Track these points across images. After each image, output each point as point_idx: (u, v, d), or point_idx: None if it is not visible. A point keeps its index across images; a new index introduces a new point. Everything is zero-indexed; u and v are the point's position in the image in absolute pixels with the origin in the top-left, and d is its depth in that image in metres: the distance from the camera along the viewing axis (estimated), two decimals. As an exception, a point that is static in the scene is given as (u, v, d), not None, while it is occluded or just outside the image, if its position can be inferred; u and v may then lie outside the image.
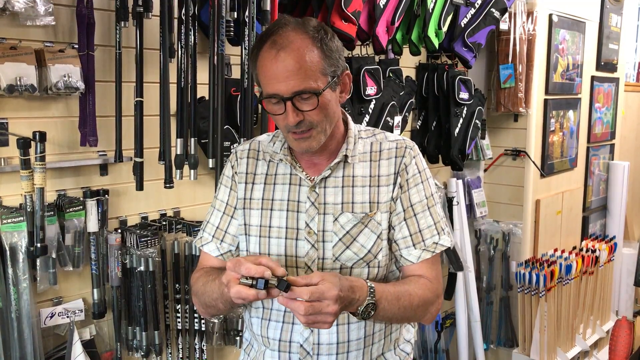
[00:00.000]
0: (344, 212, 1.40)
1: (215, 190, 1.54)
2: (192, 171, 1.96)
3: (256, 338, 1.51)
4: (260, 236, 1.45)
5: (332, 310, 1.18)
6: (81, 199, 1.85)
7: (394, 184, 1.42)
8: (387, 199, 1.42)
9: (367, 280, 1.30)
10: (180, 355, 2.12)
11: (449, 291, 3.17)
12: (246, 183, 1.49)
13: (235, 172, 1.51)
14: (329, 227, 1.40)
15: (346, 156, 1.43)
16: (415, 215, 1.42)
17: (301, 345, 1.42)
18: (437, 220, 1.44)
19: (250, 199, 1.48)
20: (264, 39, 1.32)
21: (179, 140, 1.93)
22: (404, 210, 1.42)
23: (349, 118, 1.50)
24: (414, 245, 1.42)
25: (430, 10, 2.56)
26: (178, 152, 1.93)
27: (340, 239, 1.40)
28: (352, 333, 1.42)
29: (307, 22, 1.33)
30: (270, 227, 1.44)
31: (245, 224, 1.48)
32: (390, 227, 1.43)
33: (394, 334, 1.51)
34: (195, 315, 2.10)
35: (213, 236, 1.51)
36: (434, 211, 1.44)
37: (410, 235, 1.42)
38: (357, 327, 1.42)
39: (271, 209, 1.45)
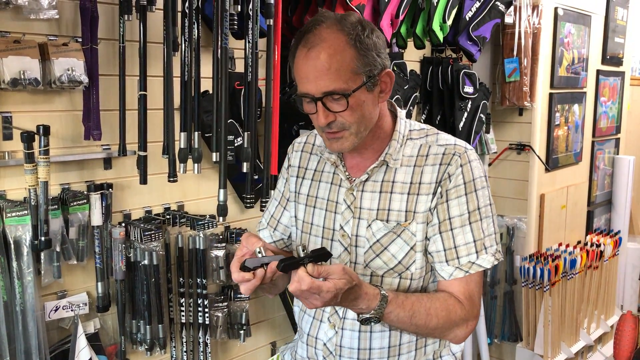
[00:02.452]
0: (377, 219, 1.35)
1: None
2: (196, 165, 1.96)
3: (298, 327, 1.54)
4: (302, 231, 1.47)
5: (317, 304, 1.16)
6: (85, 192, 1.85)
7: (434, 193, 1.33)
8: (425, 209, 1.33)
9: (385, 292, 1.25)
10: (184, 349, 2.12)
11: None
12: (297, 177, 1.50)
13: (290, 165, 1.53)
14: (362, 232, 1.36)
15: (386, 160, 1.36)
16: (452, 229, 1.33)
17: (324, 344, 1.42)
18: (479, 238, 1.33)
19: (299, 193, 1.49)
20: (299, 36, 1.28)
21: (182, 134, 1.93)
22: (440, 223, 1.33)
23: (400, 115, 1.41)
24: (447, 261, 1.33)
25: (435, 4, 2.55)
26: (182, 146, 1.93)
27: (370, 247, 1.36)
28: (374, 341, 1.38)
29: (345, 18, 1.27)
30: (312, 224, 1.44)
31: (295, 217, 1.49)
32: (426, 238, 1.35)
33: (430, 346, 1.43)
34: (199, 309, 2.11)
35: (268, 223, 1.56)
36: (476, 227, 1.33)
37: (445, 250, 1.33)
38: (380, 337, 1.38)
39: (314, 207, 1.45)
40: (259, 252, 1.18)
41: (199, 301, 2.10)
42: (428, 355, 1.43)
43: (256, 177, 2.16)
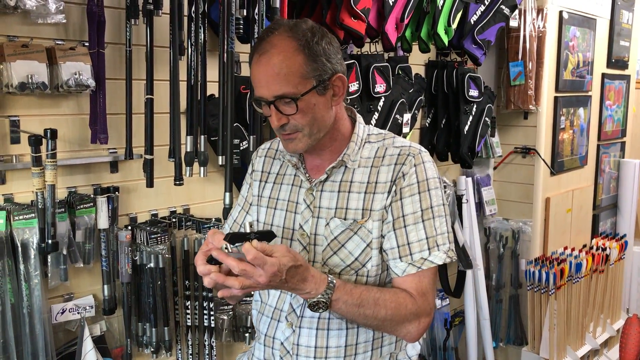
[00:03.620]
0: (335, 217, 1.39)
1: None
2: (201, 168, 1.97)
3: (255, 330, 1.55)
4: None
5: (261, 281, 1.17)
6: (92, 195, 1.86)
7: (389, 191, 1.37)
8: (381, 206, 1.37)
9: (333, 278, 1.28)
10: (190, 352, 2.13)
11: (458, 289, 3.16)
12: (260, 181, 1.54)
13: (253, 170, 1.57)
14: (320, 230, 1.40)
15: (344, 161, 1.41)
16: (405, 226, 1.36)
17: (282, 343, 1.44)
18: (431, 235, 1.36)
19: (261, 196, 1.52)
20: (255, 44, 1.35)
21: (188, 137, 1.94)
22: (394, 220, 1.37)
23: (359, 120, 1.47)
24: (400, 257, 1.37)
25: (440, 7, 2.55)
26: (188, 150, 1.94)
27: (328, 244, 1.39)
28: (331, 340, 1.40)
29: (298, 24, 1.32)
30: (272, 225, 1.47)
31: (257, 220, 1.52)
32: (382, 235, 1.39)
33: (387, 347, 1.45)
34: (205, 311, 2.11)
35: (230, 228, 1.58)
36: (429, 224, 1.36)
37: (398, 247, 1.37)
38: (337, 335, 1.40)
39: (275, 208, 1.48)
40: (225, 248, 1.20)
41: (205, 304, 2.11)
42: (384, 357, 1.45)
43: (261, 180, 2.17)
